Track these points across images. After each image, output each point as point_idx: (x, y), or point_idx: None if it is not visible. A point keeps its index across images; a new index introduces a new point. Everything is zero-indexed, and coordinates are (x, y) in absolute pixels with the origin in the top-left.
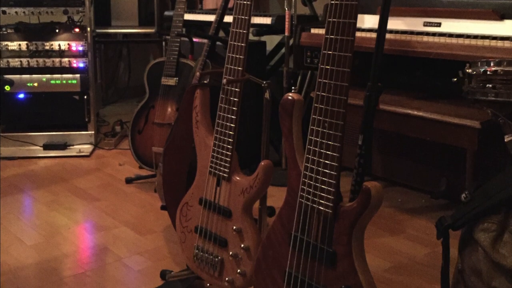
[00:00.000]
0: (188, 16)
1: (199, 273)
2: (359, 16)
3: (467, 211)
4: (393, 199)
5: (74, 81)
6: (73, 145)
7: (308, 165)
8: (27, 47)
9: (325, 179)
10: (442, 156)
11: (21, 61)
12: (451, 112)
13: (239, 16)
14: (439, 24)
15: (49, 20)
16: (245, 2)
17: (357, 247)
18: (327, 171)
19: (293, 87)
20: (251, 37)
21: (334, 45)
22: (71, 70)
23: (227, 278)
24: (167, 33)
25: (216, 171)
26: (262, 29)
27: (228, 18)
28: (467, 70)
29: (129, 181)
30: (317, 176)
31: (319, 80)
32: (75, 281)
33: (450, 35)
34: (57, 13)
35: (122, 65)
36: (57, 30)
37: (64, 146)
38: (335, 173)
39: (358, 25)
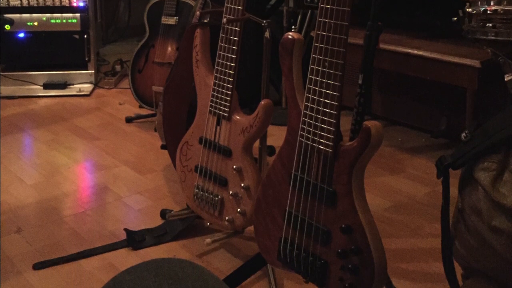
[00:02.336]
0: None
1: (199, 212)
2: None
3: (467, 150)
4: (393, 138)
5: (74, 20)
6: (73, 84)
7: (308, 104)
8: None
9: (325, 118)
10: (442, 95)
11: (21, 0)
12: (451, 51)
13: None
14: None
15: None
16: None
17: (357, 186)
18: (327, 110)
19: (293, 26)
20: None
21: None
22: (71, 9)
23: (227, 217)
24: None
25: (216, 110)
26: None
27: None
28: (467, 9)
29: (129, 120)
30: (318, 115)
31: (319, 19)
32: (75, 220)
33: None
34: None
35: (122, 4)
36: None
37: (64, 85)
38: (336, 112)
39: None
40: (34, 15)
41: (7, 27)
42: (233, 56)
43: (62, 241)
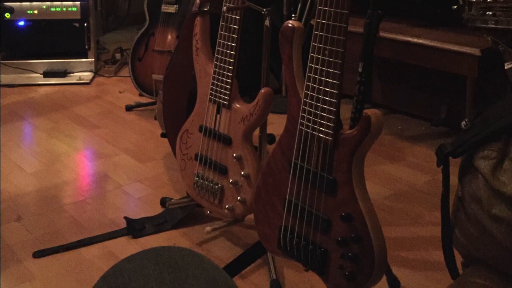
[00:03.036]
0: None
1: (199, 201)
2: None
3: (467, 139)
4: (393, 126)
5: (74, 9)
6: (73, 73)
7: (308, 92)
8: None
9: (325, 106)
10: (442, 83)
11: None
12: (451, 40)
13: None
14: None
15: None
16: None
17: (357, 174)
18: (327, 98)
19: (293, 15)
20: None
21: None
22: None
23: (227, 206)
24: None
25: (216, 99)
26: None
27: None
28: None
29: (129, 108)
30: (317, 104)
31: (319, 7)
32: (75, 208)
33: None
34: None
35: None
36: None
37: (64, 73)
38: (335, 101)
39: None
40: (34, 3)
41: (7, 15)
42: (233, 44)
43: (62, 229)
